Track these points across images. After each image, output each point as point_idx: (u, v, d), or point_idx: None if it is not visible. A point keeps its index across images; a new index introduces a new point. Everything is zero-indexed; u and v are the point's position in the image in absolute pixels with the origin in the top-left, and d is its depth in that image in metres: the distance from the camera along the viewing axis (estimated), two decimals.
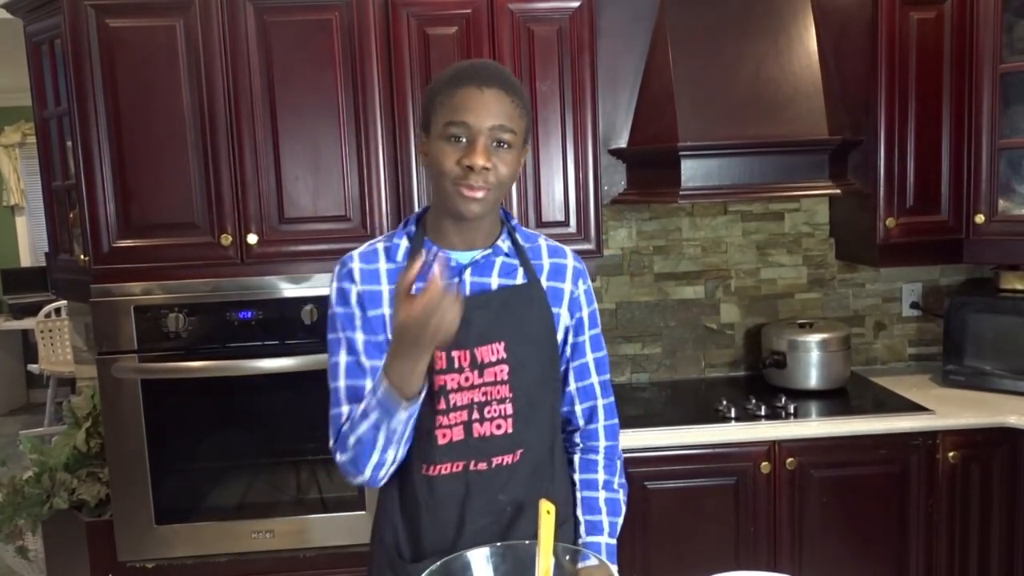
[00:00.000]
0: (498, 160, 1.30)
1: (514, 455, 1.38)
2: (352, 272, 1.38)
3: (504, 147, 1.31)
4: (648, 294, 2.87)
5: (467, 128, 1.28)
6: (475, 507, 1.38)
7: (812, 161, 2.49)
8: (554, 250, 1.47)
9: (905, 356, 2.97)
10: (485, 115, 1.28)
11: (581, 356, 1.49)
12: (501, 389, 1.36)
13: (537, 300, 1.41)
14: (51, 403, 5.92)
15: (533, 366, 1.38)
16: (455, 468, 1.37)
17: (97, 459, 2.60)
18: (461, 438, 1.36)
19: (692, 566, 1.36)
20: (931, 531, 2.38)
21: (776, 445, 2.33)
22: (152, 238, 2.29)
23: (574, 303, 1.46)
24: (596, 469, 1.50)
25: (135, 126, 2.26)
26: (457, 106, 1.28)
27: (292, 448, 2.37)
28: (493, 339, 1.35)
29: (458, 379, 1.34)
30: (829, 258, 2.91)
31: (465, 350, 1.34)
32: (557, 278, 1.44)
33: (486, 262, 1.39)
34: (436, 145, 1.31)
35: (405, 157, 2.35)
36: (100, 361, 2.28)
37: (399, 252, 1.39)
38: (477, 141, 1.28)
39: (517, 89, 1.33)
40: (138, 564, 2.34)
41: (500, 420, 1.37)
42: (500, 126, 1.29)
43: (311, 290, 2.29)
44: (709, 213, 2.86)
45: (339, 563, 2.35)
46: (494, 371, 1.35)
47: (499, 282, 1.39)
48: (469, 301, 1.30)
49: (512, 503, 1.38)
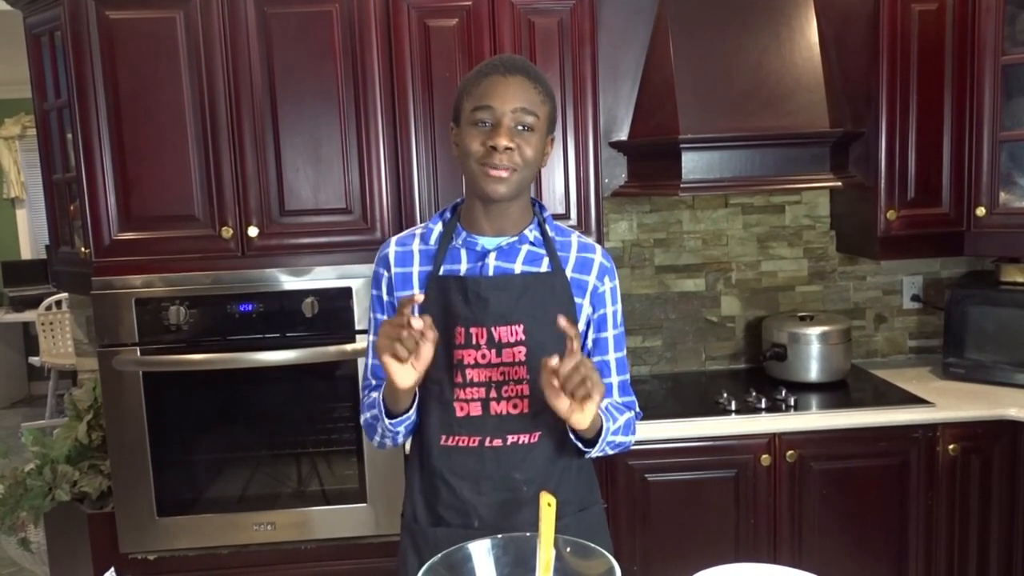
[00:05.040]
0: (522, 141, 1.37)
1: (531, 436, 1.44)
2: (387, 257, 1.50)
3: (527, 130, 1.38)
4: (649, 287, 2.87)
5: (491, 111, 1.36)
6: (490, 482, 1.43)
7: (813, 153, 2.49)
8: (584, 246, 1.51)
9: (906, 349, 2.98)
10: (508, 99, 1.36)
11: (603, 353, 1.52)
12: (519, 370, 1.41)
13: (560, 288, 1.45)
14: (52, 396, 5.93)
15: (552, 351, 1.39)
16: (472, 442, 1.43)
17: (99, 451, 2.60)
18: (479, 414, 1.42)
19: (692, 558, 1.36)
20: (931, 523, 2.38)
21: (776, 437, 2.34)
22: (153, 231, 2.29)
23: (598, 297, 1.50)
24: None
25: (135, 118, 2.25)
26: (482, 93, 1.37)
27: (293, 440, 2.37)
28: (512, 320, 1.41)
29: (475, 355, 1.41)
30: (830, 251, 2.91)
31: (483, 327, 1.41)
32: (583, 271, 1.48)
33: (511, 248, 1.45)
34: (464, 131, 1.39)
35: (406, 149, 2.35)
36: (101, 354, 2.28)
37: (432, 236, 1.48)
38: (501, 123, 1.36)
39: (540, 77, 1.41)
40: (140, 556, 2.35)
41: (517, 400, 1.42)
42: (522, 109, 1.36)
43: (312, 283, 2.29)
44: (710, 206, 2.86)
45: (341, 555, 2.35)
46: (512, 352, 1.41)
47: (523, 269, 1.45)
48: (490, 281, 1.42)
49: (528, 482, 1.43)
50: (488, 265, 1.44)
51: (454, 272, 1.45)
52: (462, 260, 1.45)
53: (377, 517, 2.34)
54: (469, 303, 1.41)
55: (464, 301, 1.41)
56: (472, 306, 1.41)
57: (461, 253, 1.46)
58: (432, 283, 1.44)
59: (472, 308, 1.41)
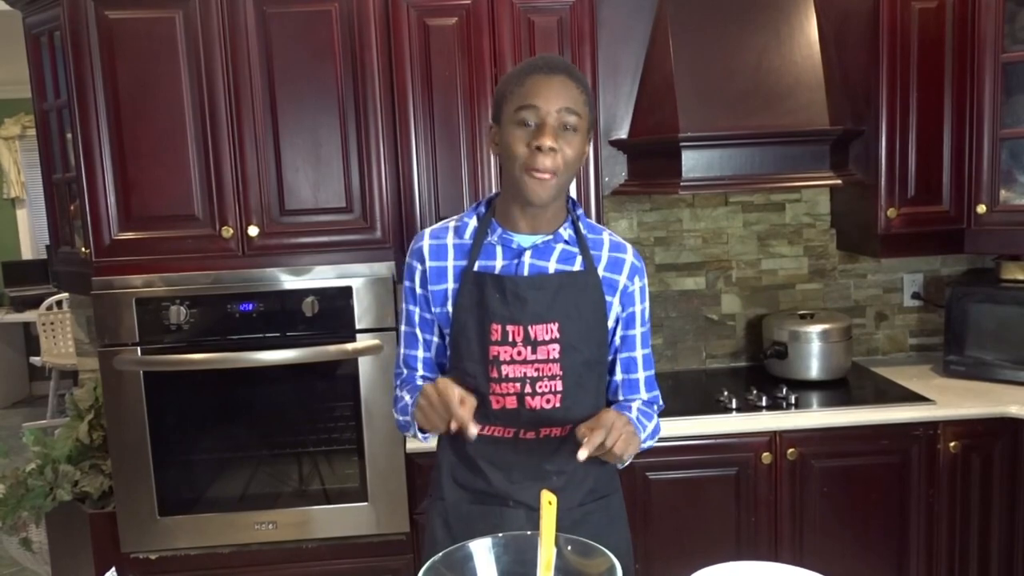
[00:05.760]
0: (564, 143, 1.37)
1: (563, 429, 1.47)
2: (422, 250, 1.51)
3: (571, 131, 1.38)
4: (649, 285, 2.85)
5: (536, 111, 1.36)
6: (521, 471, 1.49)
7: (813, 151, 2.49)
8: (616, 245, 1.54)
9: (906, 346, 2.97)
10: (553, 98, 1.36)
11: (631, 349, 1.57)
12: (552, 367, 1.44)
13: (592, 287, 1.48)
14: (53, 395, 5.94)
15: (584, 349, 1.47)
16: (506, 433, 1.48)
17: (100, 451, 2.60)
18: (514, 407, 1.46)
19: (693, 556, 1.36)
20: (932, 521, 2.39)
21: (777, 435, 2.34)
22: (153, 230, 2.29)
23: (627, 297, 1.53)
24: (631, 408, 1.56)
25: (135, 118, 2.25)
26: (527, 92, 1.37)
27: (294, 440, 2.37)
28: (548, 319, 1.44)
29: (511, 352, 1.44)
30: (830, 249, 2.91)
31: (519, 326, 1.43)
32: (614, 270, 1.51)
33: (546, 247, 1.47)
34: (507, 130, 1.39)
35: (405, 148, 2.35)
36: (102, 354, 2.28)
37: (467, 231, 1.50)
38: (545, 122, 1.36)
39: (582, 79, 1.42)
40: (142, 555, 2.35)
41: (550, 395, 1.45)
42: (567, 108, 1.36)
43: (312, 282, 2.29)
44: (710, 204, 2.86)
45: (342, 554, 2.35)
46: (547, 349, 1.44)
47: (556, 267, 1.47)
48: (528, 281, 1.44)
49: (558, 473, 1.47)
50: (524, 263, 1.46)
51: (489, 269, 1.46)
52: (497, 256, 1.47)
53: (378, 516, 2.34)
54: (507, 302, 1.43)
55: (502, 299, 1.43)
56: (510, 305, 1.43)
57: (496, 250, 1.47)
58: (467, 278, 1.46)
59: (510, 307, 1.43)
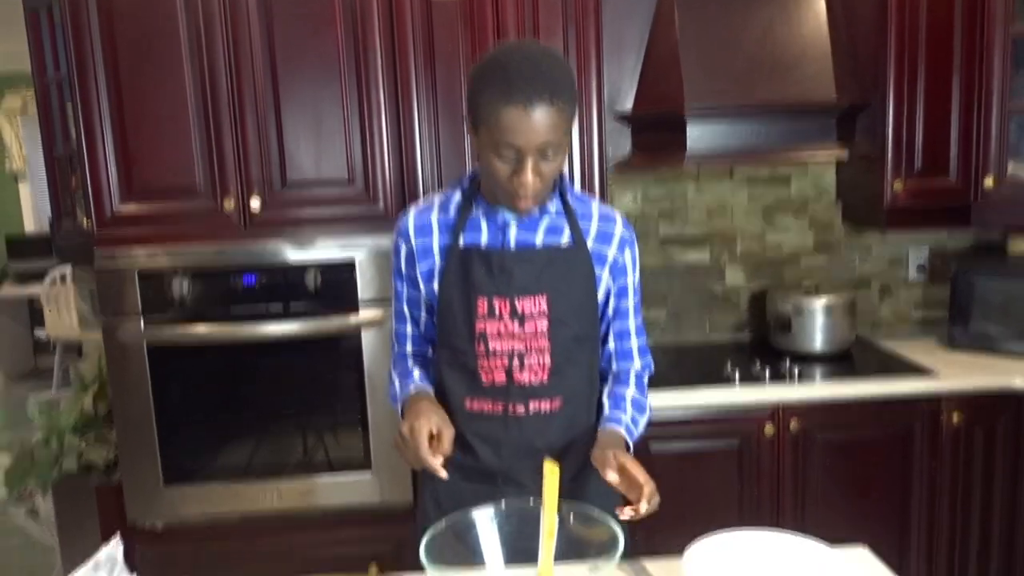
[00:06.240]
0: (546, 167, 1.33)
1: (552, 403, 1.46)
2: (407, 228, 1.49)
3: (551, 153, 1.31)
4: (654, 258, 2.86)
5: (515, 149, 1.30)
6: (511, 448, 1.47)
7: (820, 125, 2.47)
8: (604, 215, 1.50)
9: (911, 320, 2.97)
10: (533, 135, 1.28)
11: (624, 319, 1.55)
12: (541, 341, 1.43)
13: (581, 261, 1.45)
14: (58, 368, 5.97)
15: (573, 323, 1.46)
16: (495, 408, 1.47)
17: (105, 422, 2.62)
18: (503, 382, 1.45)
19: (695, 527, 1.36)
20: (934, 493, 2.39)
21: (780, 408, 2.34)
22: (155, 203, 2.29)
23: (619, 269, 1.50)
24: (627, 383, 1.55)
25: (135, 90, 2.24)
26: (504, 128, 1.28)
27: (298, 411, 2.38)
28: (535, 292, 1.42)
29: (498, 326, 1.43)
30: (836, 222, 2.90)
31: (506, 299, 1.42)
32: (603, 241, 1.48)
33: (531, 220, 1.44)
34: (486, 154, 1.33)
35: (408, 120, 2.33)
36: (105, 326, 2.29)
37: (452, 206, 1.48)
38: (525, 160, 1.30)
39: (562, 90, 1.29)
40: (147, 525, 2.37)
41: (539, 370, 1.44)
42: (546, 143, 1.29)
43: (315, 255, 2.29)
44: (715, 177, 2.84)
45: (345, 522, 2.37)
46: (535, 323, 1.43)
47: (544, 240, 1.45)
48: (514, 254, 1.42)
49: (548, 449, 1.45)
50: (509, 237, 1.44)
51: (475, 243, 1.44)
52: (483, 230, 1.45)
53: (381, 485, 2.35)
54: (493, 275, 1.42)
55: (488, 273, 1.42)
56: (496, 278, 1.41)
57: (481, 223, 1.45)
58: (453, 254, 1.44)
59: (496, 280, 1.42)
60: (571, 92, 1.32)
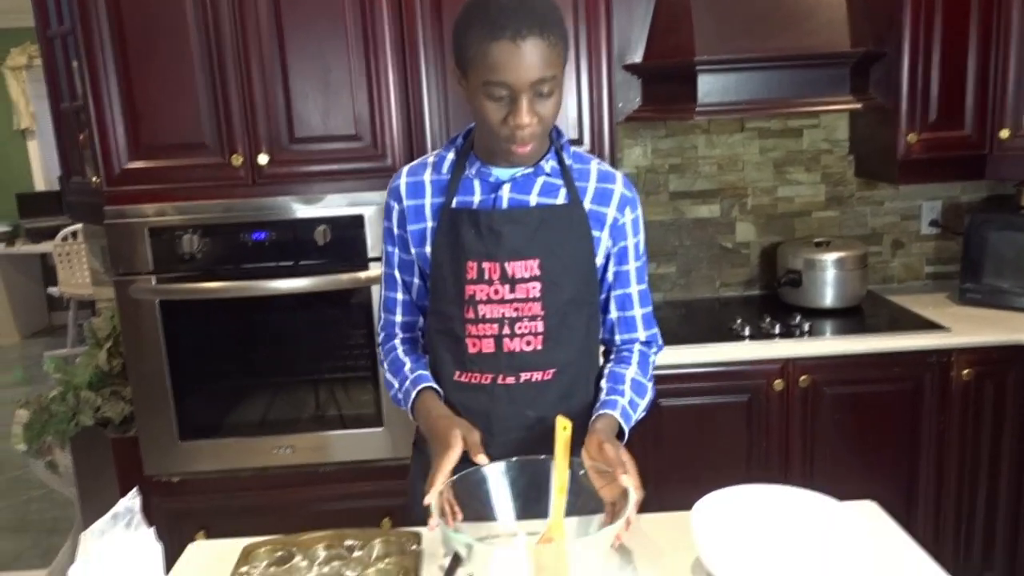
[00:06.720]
0: (542, 108, 1.27)
1: (545, 373, 1.41)
2: (399, 188, 1.45)
3: (546, 93, 1.26)
4: (663, 213, 2.85)
5: (507, 87, 1.24)
6: (501, 419, 1.42)
7: (833, 75, 2.43)
8: (604, 175, 1.44)
9: (922, 275, 2.95)
10: (524, 72, 1.22)
11: (625, 286, 1.48)
12: (533, 306, 1.37)
13: (577, 221, 1.39)
14: (72, 325, 6.02)
15: (568, 286, 1.39)
16: (484, 379, 1.41)
17: (119, 378, 2.65)
18: (491, 351, 1.39)
19: (704, 481, 1.37)
20: (942, 448, 2.40)
21: (790, 363, 2.34)
22: (163, 159, 2.28)
23: (618, 230, 1.44)
24: (629, 362, 1.49)
25: (140, 46, 2.21)
26: (493, 65, 1.22)
27: (310, 367, 2.40)
28: (527, 255, 1.36)
29: (487, 291, 1.37)
30: (848, 175, 2.87)
31: (495, 263, 1.36)
32: (602, 202, 1.42)
33: (526, 180, 1.39)
34: (478, 98, 1.27)
35: (415, 74, 2.30)
36: (118, 283, 2.30)
37: (445, 165, 1.43)
38: (519, 100, 1.24)
39: (552, 24, 1.24)
40: (164, 478, 2.41)
41: (530, 337, 1.38)
42: (541, 79, 1.23)
43: (324, 211, 2.28)
44: (726, 130, 2.81)
45: (358, 477, 2.40)
46: (526, 288, 1.37)
47: (538, 200, 1.39)
48: (504, 215, 1.37)
49: (540, 420, 1.40)
50: (502, 197, 1.38)
51: (467, 204, 1.39)
52: (475, 191, 1.40)
53: (393, 440, 2.38)
54: (482, 236, 1.36)
55: (476, 234, 1.36)
56: (485, 240, 1.36)
57: (474, 184, 1.40)
58: (444, 215, 1.39)
59: (485, 242, 1.36)
60: (561, 27, 1.26)
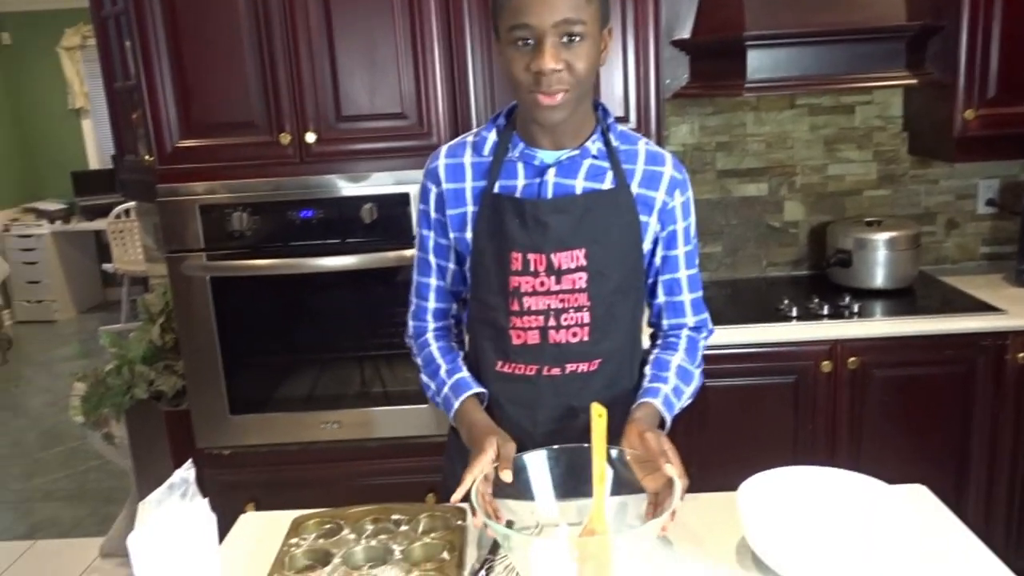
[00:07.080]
0: (571, 56, 1.22)
1: (590, 364, 1.38)
2: (436, 170, 1.41)
3: (576, 40, 1.21)
4: (710, 191, 2.81)
5: (530, 29, 1.20)
6: (546, 410, 1.39)
7: (887, 49, 2.36)
8: (653, 156, 1.38)
9: (977, 255, 2.87)
10: (546, 12, 1.19)
11: (674, 271, 1.43)
12: (579, 297, 1.34)
13: (624, 206, 1.34)
14: (126, 301, 6.17)
15: (614, 275, 1.35)
16: (528, 370, 1.38)
17: (172, 353, 2.71)
18: (536, 342, 1.36)
19: (749, 462, 1.36)
20: (995, 431, 2.35)
21: (838, 344, 2.31)
22: (213, 137, 2.31)
23: (667, 214, 1.38)
24: (676, 348, 1.46)
25: (191, 24, 2.24)
26: (516, 7, 1.20)
27: (356, 344, 2.43)
28: (573, 246, 1.32)
29: (533, 283, 1.33)
30: (901, 153, 2.80)
31: (541, 254, 1.32)
32: (650, 186, 1.36)
33: (572, 163, 1.34)
34: (505, 52, 1.25)
35: (461, 52, 2.30)
36: (170, 260, 2.35)
37: (486, 146, 1.38)
38: (543, 43, 1.20)
39: None
40: (215, 451, 2.47)
41: (576, 328, 1.35)
42: (565, 20, 1.19)
43: (370, 188, 2.30)
44: (775, 107, 2.76)
45: (402, 453, 2.44)
46: (572, 278, 1.33)
47: (584, 185, 1.34)
48: (550, 204, 1.32)
49: (585, 411, 1.33)
50: (547, 183, 1.33)
51: (510, 189, 1.35)
52: (519, 175, 1.35)
53: (437, 417, 2.40)
54: (527, 227, 1.31)
55: (521, 225, 1.31)
56: (531, 231, 1.31)
57: (518, 167, 1.35)
58: (486, 201, 1.35)
59: (530, 233, 1.31)
60: None
